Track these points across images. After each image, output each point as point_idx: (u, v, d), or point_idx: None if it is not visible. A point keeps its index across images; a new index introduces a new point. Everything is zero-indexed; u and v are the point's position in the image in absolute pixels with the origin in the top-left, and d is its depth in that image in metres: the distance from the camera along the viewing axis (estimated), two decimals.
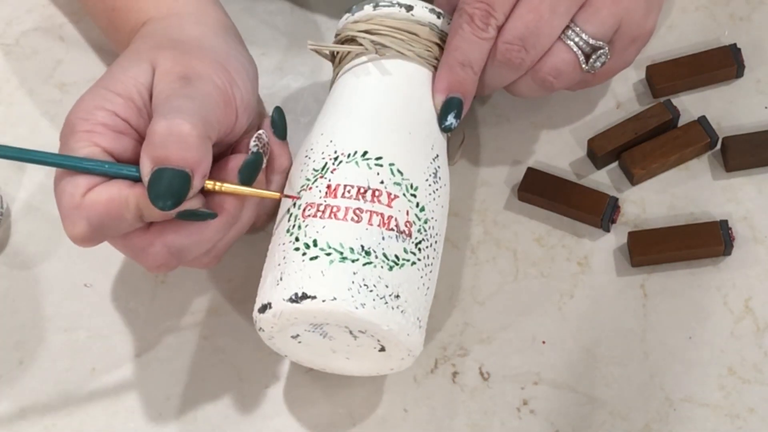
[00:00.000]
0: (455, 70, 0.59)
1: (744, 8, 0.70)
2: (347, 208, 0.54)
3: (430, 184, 0.57)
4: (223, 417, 0.60)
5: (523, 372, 0.60)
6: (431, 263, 0.56)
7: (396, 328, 0.53)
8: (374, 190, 0.55)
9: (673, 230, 0.61)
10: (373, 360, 0.56)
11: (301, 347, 0.57)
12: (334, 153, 0.56)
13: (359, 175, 0.55)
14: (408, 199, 0.55)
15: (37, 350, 0.62)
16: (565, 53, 0.58)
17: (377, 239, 0.54)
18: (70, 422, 0.60)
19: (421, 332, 0.55)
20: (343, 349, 0.56)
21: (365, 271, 0.53)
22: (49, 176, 0.68)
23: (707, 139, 0.64)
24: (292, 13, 0.73)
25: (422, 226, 0.55)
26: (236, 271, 0.64)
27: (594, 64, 0.59)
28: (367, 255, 0.53)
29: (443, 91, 0.59)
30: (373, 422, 0.59)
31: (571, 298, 0.61)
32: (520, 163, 0.66)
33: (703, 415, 0.58)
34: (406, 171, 0.56)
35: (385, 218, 0.54)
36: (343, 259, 0.53)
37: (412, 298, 0.54)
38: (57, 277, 0.65)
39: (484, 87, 0.61)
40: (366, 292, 0.52)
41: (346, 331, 0.54)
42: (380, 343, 0.54)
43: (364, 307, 0.52)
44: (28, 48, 0.73)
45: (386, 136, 0.57)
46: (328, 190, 0.55)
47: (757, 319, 0.60)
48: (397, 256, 0.54)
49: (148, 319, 0.63)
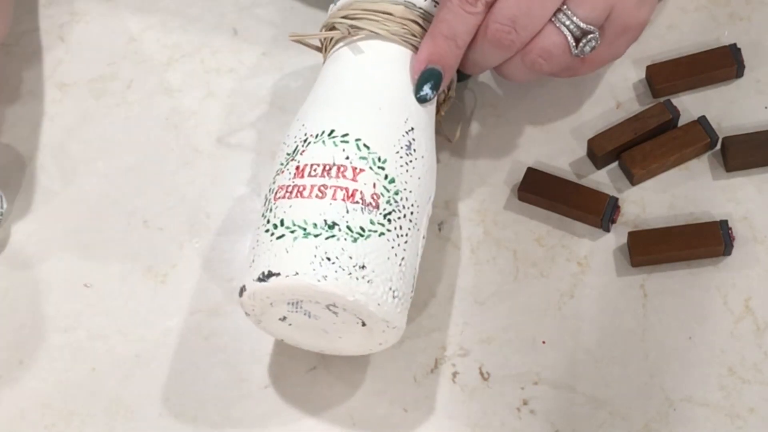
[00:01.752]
0: (437, 42, 0.59)
1: (744, 8, 0.70)
2: (312, 186, 0.55)
3: (401, 156, 0.57)
4: (223, 417, 0.60)
5: (523, 372, 0.60)
6: (406, 234, 0.56)
7: (362, 298, 0.54)
8: (339, 166, 0.56)
9: (673, 230, 0.61)
10: (361, 336, 0.57)
11: (292, 330, 0.57)
12: (304, 135, 0.58)
13: (325, 153, 0.56)
14: (375, 171, 0.56)
15: (37, 350, 0.62)
16: (555, 36, 0.59)
17: (341, 213, 0.55)
18: (70, 422, 0.60)
19: (398, 303, 0.55)
20: (331, 328, 0.57)
21: (327, 244, 0.54)
22: (49, 177, 0.68)
23: (707, 139, 0.64)
24: (293, 13, 0.73)
25: (392, 197, 0.56)
26: (236, 271, 0.64)
27: (584, 48, 0.59)
28: (330, 228, 0.54)
29: (422, 61, 0.59)
30: (373, 422, 0.59)
31: (571, 298, 0.62)
32: (520, 163, 0.66)
33: (703, 415, 0.58)
34: (373, 145, 0.57)
35: (349, 192, 0.55)
36: (306, 234, 0.54)
37: (381, 269, 0.54)
38: (57, 277, 0.65)
39: (474, 66, 0.61)
40: (328, 264, 0.53)
41: (324, 308, 0.55)
42: (357, 316, 0.55)
43: (326, 279, 0.53)
44: (28, 48, 0.73)
45: (353, 113, 0.58)
46: (296, 171, 0.56)
47: (757, 319, 0.60)
48: (363, 227, 0.55)
49: (148, 319, 0.63)
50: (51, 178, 0.68)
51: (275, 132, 0.68)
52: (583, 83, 0.68)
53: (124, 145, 0.69)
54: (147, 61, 0.72)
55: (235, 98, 0.70)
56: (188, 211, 0.66)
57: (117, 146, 0.69)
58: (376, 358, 0.61)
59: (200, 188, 0.67)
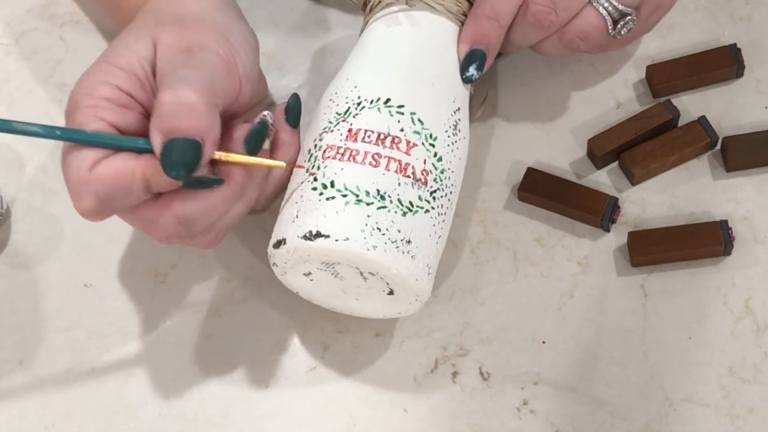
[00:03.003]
0: (481, 22, 0.60)
1: (744, 8, 0.70)
2: (366, 153, 0.56)
3: (449, 135, 0.58)
4: (223, 417, 0.60)
5: (523, 372, 0.60)
6: (444, 213, 0.57)
7: (405, 272, 0.54)
8: (394, 137, 0.56)
9: (673, 230, 0.61)
10: (382, 303, 0.57)
11: (312, 285, 0.58)
12: (358, 98, 0.58)
13: (380, 121, 0.56)
14: (426, 148, 0.56)
15: (37, 350, 0.62)
16: (594, 18, 0.60)
17: (393, 185, 0.55)
18: (70, 422, 0.60)
19: (430, 279, 0.56)
20: (353, 290, 0.57)
21: (379, 214, 0.54)
22: (49, 177, 0.68)
23: (707, 139, 0.64)
24: (293, 13, 0.73)
25: (438, 175, 0.56)
26: (236, 271, 0.64)
27: (621, 30, 0.60)
28: (382, 199, 0.54)
29: (468, 41, 0.60)
30: (373, 422, 0.59)
31: (571, 298, 0.61)
32: (520, 163, 0.66)
33: (703, 415, 0.58)
34: (427, 121, 0.57)
35: (402, 165, 0.56)
36: (359, 201, 0.54)
37: (423, 245, 0.55)
38: (57, 277, 0.65)
39: (511, 45, 0.62)
40: (378, 235, 0.54)
41: (357, 272, 0.55)
42: (389, 286, 0.55)
43: (376, 249, 0.54)
44: (28, 48, 0.73)
45: (409, 85, 0.58)
46: (349, 133, 0.56)
47: (757, 319, 0.60)
48: (411, 202, 0.55)
49: (148, 319, 0.63)
50: (51, 178, 0.68)
51: None
52: (583, 83, 0.68)
53: None
54: None
55: None
56: None
57: None
58: (376, 358, 0.61)
59: None
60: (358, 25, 0.71)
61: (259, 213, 0.62)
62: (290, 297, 0.63)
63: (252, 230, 0.65)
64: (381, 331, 0.62)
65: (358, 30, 0.63)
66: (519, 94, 0.68)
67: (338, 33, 0.71)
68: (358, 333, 0.62)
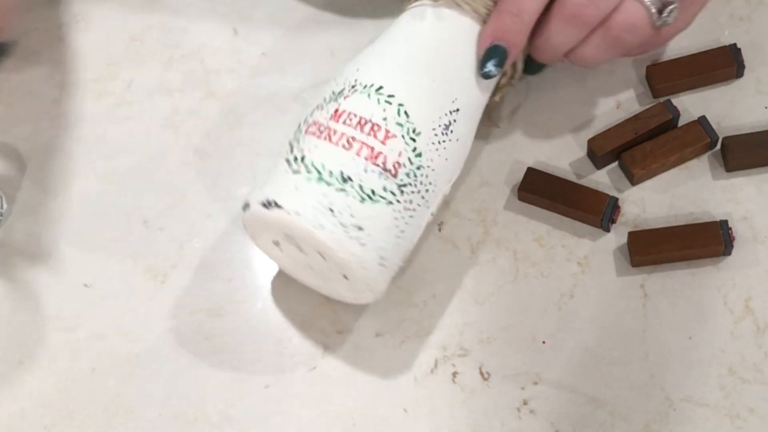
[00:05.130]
0: (503, 17, 0.59)
1: (744, 8, 0.70)
2: (343, 134, 0.56)
3: (438, 134, 0.57)
4: (223, 417, 0.60)
5: (523, 372, 0.60)
6: (414, 210, 0.57)
7: (350, 258, 0.55)
8: (374, 124, 0.56)
9: (673, 230, 0.61)
10: (343, 287, 0.58)
11: (283, 256, 0.59)
12: (354, 81, 0.58)
13: (366, 106, 0.57)
14: (406, 141, 0.56)
15: (37, 350, 0.62)
16: (637, 9, 0.59)
17: (359, 170, 0.55)
18: (70, 422, 0.60)
19: (384, 272, 0.56)
20: (318, 268, 0.58)
21: (336, 196, 0.55)
22: (49, 177, 0.68)
23: (707, 139, 0.64)
24: (293, 13, 0.73)
25: (413, 170, 0.56)
26: (236, 271, 0.64)
27: (667, 18, 0.60)
28: (343, 182, 0.55)
29: (487, 37, 0.59)
30: (373, 422, 0.59)
31: (571, 298, 0.61)
32: (520, 163, 0.66)
33: (703, 415, 0.58)
34: (414, 115, 0.57)
35: (374, 153, 0.56)
36: (320, 179, 0.55)
37: (378, 236, 0.55)
38: (57, 277, 0.65)
39: (549, 48, 0.61)
40: (329, 215, 0.54)
41: (315, 250, 0.56)
42: (341, 270, 0.56)
43: (323, 228, 0.54)
44: (29, 48, 0.73)
45: (407, 77, 0.58)
46: (335, 114, 0.57)
47: (757, 319, 0.60)
48: (374, 191, 0.55)
49: (148, 319, 0.63)
50: (51, 178, 0.68)
51: (275, 132, 0.68)
52: (583, 83, 0.68)
53: (124, 145, 0.69)
54: (147, 61, 0.72)
55: (235, 98, 0.70)
56: (188, 211, 0.66)
57: (117, 146, 0.69)
58: (376, 358, 0.61)
59: (200, 188, 0.67)
60: (358, 25, 0.71)
61: None
62: (290, 297, 0.63)
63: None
64: (381, 331, 0.62)
65: (359, 30, 0.64)
66: (519, 94, 0.68)
67: (338, 33, 0.71)
68: (358, 333, 0.62)
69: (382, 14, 0.71)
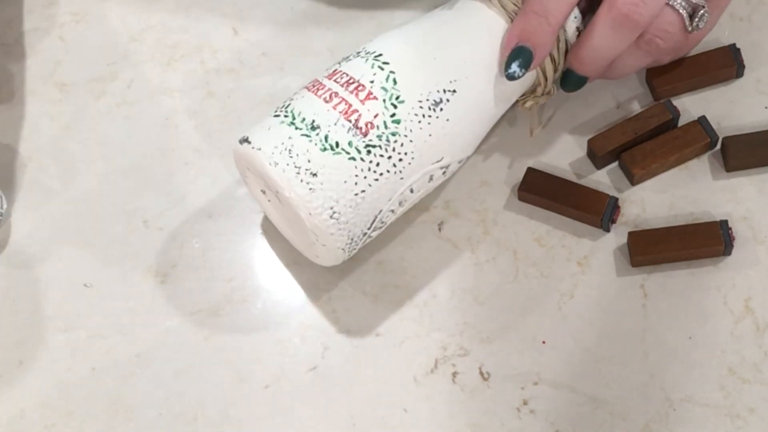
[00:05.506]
0: (529, 19, 0.59)
1: (744, 8, 0.70)
2: (328, 89, 0.58)
3: (423, 107, 0.58)
4: (223, 417, 0.60)
5: (523, 372, 0.60)
6: (380, 174, 0.57)
7: (296, 199, 0.56)
8: (359, 85, 0.58)
9: (673, 230, 0.61)
10: (305, 240, 0.59)
11: (270, 207, 0.62)
12: (362, 48, 0.60)
13: (360, 68, 0.59)
14: (386, 106, 0.58)
15: (37, 350, 0.62)
16: (670, 15, 0.59)
17: (329, 122, 0.57)
18: (70, 422, 0.60)
19: (333, 224, 0.57)
20: (292, 220, 0.59)
21: (299, 140, 0.57)
22: (49, 177, 0.68)
23: (707, 139, 0.64)
24: (293, 13, 0.73)
25: (386, 134, 0.57)
26: (236, 271, 0.64)
27: (698, 23, 0.60)
28: (311, 129, 0.57)
29: (513, 37, 0.59)
30: (373, 422, 0.59)
31: (571, 298, 0.61)
32: (520, 163, 0.66)
33: (703, 415, 0.58)
34: (402, 83, 0.58)
35: (350, 109, 0.57)
36: (291, 124, 0.57)
37: (331, 186, 0.56)
38: (57, 277, 0.65)
39: (596, 57, 0.60)
40: (286, 155, 0.57)
41: (275, 191, 0.58)
42: (293, 215, 0.57)
43: (276, 165, 0.56)
44: (28, 48, 0.73)
45: (406, 48, 0.59)
46: (332, 73, 0.60)
47: (757, 319, 0.60)
48: (338, 143, 0.57)
49: (148, 319, 0.63)
50: (51, 178, 0.68)
51: None
52: None
53: (124, 145, 0.69)
54: (147, 61, 0.72)
55: (235, 98, 0.70)
56: (188, 211, 0.66)
57: (117, 146, 0.69)
58: (376, 358, 0.61)
59: (200, 188, 0.67)
60: (358, 25, 0.71)
61: None
62: (290, 297, 0.63)
63: (252, 230, 0.65)
64: (381, 331, 0.62)
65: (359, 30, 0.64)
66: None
67: (338, 33, 0.71)
68: (358, 333, 0.62)
69: (383, 14, 0.71)
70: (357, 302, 0.62)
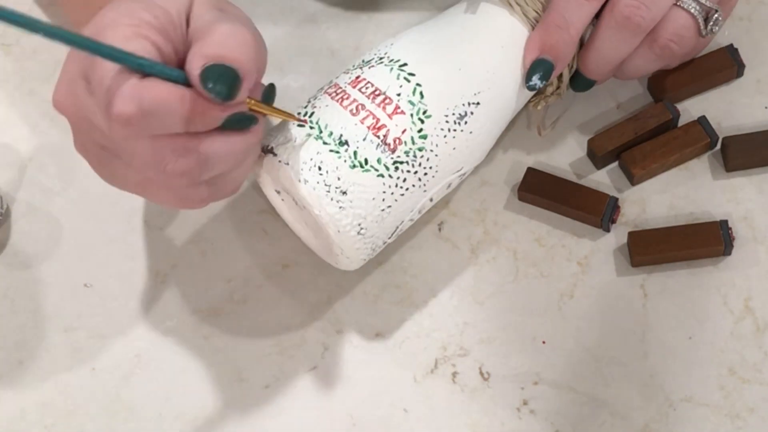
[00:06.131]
0: (550, 31, 0.59)
1: (744, 8, 0.70)
2: (354, 100, 0.57)
3: (449, 122, 0.58)
4: (223, 417, 0.60)
5: (523, 372, 0.60)
6: (406, 189, 0.57)
7: (326, 218, 0.55)
8: (386, 97, 0.57)
9: (673, 230, 0.61)
10: (325, 246, 0.59)
11: (285, 206, 0.61)
12: (384, 54, 0.59)
13: (385, 79, 0.58)
14: (413, 121, 0.57)
15: (37, 350, 0.62)
16: (683, 18, 0.59)
17: (358, 137, 0.56)
18: (70, 422, 0.60)
19: (360, 239, 0.57)
20: (311, 224, 0.59)
21: (328, 156, 0.56)
22: (49, 177, 0.68)
23: (707, 139, 0.64)
24: (293, 13, 0.73)
25: (414, 150, 0.57)
26: (236, 271, 0.64)
27: (713, 27, 0.60)
28: (339, 145, 0.56)
29: (534, 50, 0.59)
30: (373, 422, 0.59)
31: (571, 298, 0.61)
32: (520, 163, 0.66)
33: (703, 415, 0.58)
34: (429, 97, 0.57)
35: (378, 124, 0.56)
36: (319, 137, 0.56)
37: (360, 204, 0.56)
38: (57, 277, 0.65)
39: (599, 59, 0.60)
40: (316, 172, 0.55)
41: (301, 204, 0.57)
42: (321, 229, 0.57)
43: (306, 183, 0.55)
44: (28, 48, 0.73)
45: (434, 60, 0.59)
46: (355, 80, 0.58)
47: (757, 319, 0.60)
48: (367, 160, 0.56)
49: (148, 319, 0.63)
50: (51, 178, 0.68)
51: None
52: None
53: None
54: None
55: None
56: (188, 211, 0.66)
57: None
58: (375, 358, 0.61)
59: None
60: (358, 25, 0.71)
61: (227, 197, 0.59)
62: (290, 297, 0.63)
63: (252, 230, 0.65)
64: (381, 331, 0.62)
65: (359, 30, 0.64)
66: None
67: (339, 32, 0.71)
68: (358, 333, 0.62)
69: (383, 14, 0.71)
70: (357, 302, 0.62)
